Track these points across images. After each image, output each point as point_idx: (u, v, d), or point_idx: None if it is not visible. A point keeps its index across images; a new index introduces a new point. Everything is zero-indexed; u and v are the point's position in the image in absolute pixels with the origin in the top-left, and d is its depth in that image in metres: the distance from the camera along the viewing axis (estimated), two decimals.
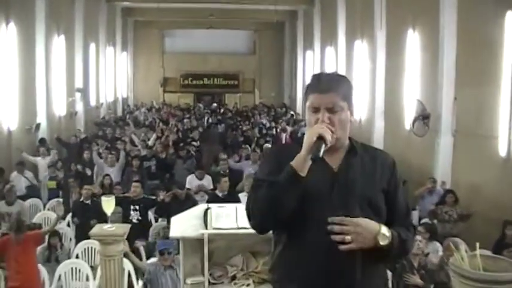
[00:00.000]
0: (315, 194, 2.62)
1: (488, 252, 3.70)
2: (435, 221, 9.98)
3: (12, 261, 7.18)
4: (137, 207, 9.37)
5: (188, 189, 10.94)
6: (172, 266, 6.82)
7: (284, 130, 19.46)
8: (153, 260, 7.31)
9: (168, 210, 8.85)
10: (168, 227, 6.59)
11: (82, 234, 8.85)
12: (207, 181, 11.96)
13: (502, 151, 10.30)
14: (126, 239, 5.72)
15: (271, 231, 2.90)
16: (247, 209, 2.66)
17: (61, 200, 11.45)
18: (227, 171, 12.40)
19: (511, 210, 8.99)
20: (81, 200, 9.97)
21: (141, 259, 8.04)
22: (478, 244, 3.17)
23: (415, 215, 11.09)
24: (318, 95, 2.68)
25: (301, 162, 2.54)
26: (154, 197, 10.44)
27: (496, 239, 8.44)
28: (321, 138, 2.54)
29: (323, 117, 2.63)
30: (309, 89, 2.75)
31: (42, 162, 13.80)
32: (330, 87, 2.69)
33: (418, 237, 6.62)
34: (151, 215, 10.30)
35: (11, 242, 7.22)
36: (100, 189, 10.86)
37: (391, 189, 2.79)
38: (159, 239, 8.32)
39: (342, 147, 2.76)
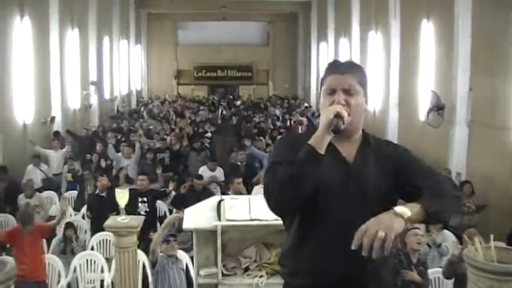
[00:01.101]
0: (329, 187, 2.59)
1: (503, 244, 3.67)
2: None
3: (19, 252, 7.22)
4: (145, 199, 9.37)
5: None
6: (178, 258, 6.83)
7: (300, 123, 19.46)
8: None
9: (184, 202, 8.84)
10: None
11: (98, 227, 8.90)
12: (219, 173, 11.98)
13: None
14: None
15: (283, 223, 2.86)
16: (266, 191, 2.58)
17: (65, 194, 11.48)
18: (244, 162, 12.35)
19: None
20: (96, 192, 10.00)
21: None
22: (492, 236, 3.16)
23: None
24: (335, 76, 2.68)
25: (319, 140, 2.50)
26: (163, 189, 10.45)
27: (510, 232, 8.36)
28: (338, 116, 2.51)
29: (339, 98, 2.62)
30: (326, 72, 2.74)
31: (53, 155, 13.83)
32: (348, 69, 2.70)
33: (420, 232, 6.52)
34: (163, 205, 10.31)
35: (19, 232, 7.27)
36: (108, 181, 10.78)
37: (405, 166, 2.71)
38: (174, 231, 8.32)
39: (354, 137, 2.74)
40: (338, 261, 2.58)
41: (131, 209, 9.06)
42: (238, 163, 12.53)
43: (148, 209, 9.31)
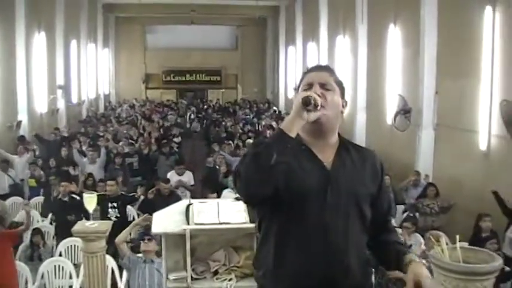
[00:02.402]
0: (307, 192, 2.58)
1: (465, 245, 3.74)
2: (417, 214, 10.07)
3: None
4: (115, 204, 9.31)
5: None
6: (153, 260, 6.79)
7: (269, 127, 19.55)
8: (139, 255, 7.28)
9: (152, 207, 8.81)
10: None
11: (62, 231, 8.81)
12: (188, 177, 11.97)
13: (482, 145, 10.39)
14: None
15: (258, 227, 2.84)
16: (234, 173, 2.56)
17: (31, 201, 11.29)
18: (222, 167, 12.31)
19: (491, 204, 9.08)
20: (58, 197, 9.88)
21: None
22: (458, 237, 3.21)
23: (401, 208, 11.20)
24: (312, 73, 2.73)
25: (290, 123, 2.48)
26: (132, 194, 10.39)
27: (472, 233, 8.50)
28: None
29: (315, 89, 2.62)
30: (303, 75, 2.78)
31: (18, 160, 13.62)
32: (324, 68, 2.79)
33: (400, 231, 6.66)
34: (133, 210, 10.25)
35: None
36: (83, 187, 10.75)
37: (380, 192, 2.81)
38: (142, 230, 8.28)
39: (331, 139, 2.74)
40: (315, 265, 2.59)
41: (101, 214, 9.02)
42: (217, 166, 12.56)
43: (119, 214, 9.26)
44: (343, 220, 2.62)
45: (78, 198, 9.80)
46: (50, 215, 10.16)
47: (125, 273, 7.23)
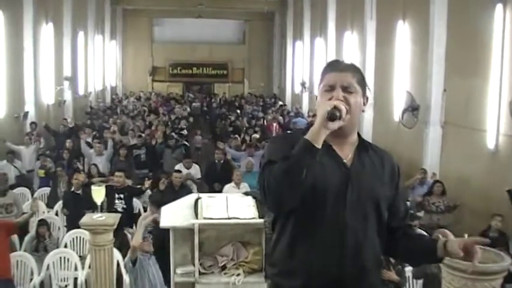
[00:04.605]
0: (328, 189, 2.57)
1: None
2: (422, 212, 10.03)
3: None
4: (122, 196, 9.32)
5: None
6: (151, 255, 6.77)
7: (274, 120, 19.52)
8: None
9: (162, 198, 8.78)
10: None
11: (73, 224, 8.81)
12: (195, 170, 11.95)
13: (490, 144, 10.33)
14: None
15: (272, 225, 2.82)
16: (261, 186, 2.51)
17: (37, 191, 11.31)
18: (221, 161, 12.23)
19: (498, 203, 9.03)
20: (72, 190, 9.89)
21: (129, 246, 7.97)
22: (466, 236, 3.21)
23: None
24: (334, 73, 2.64)
25: (315, 134, 2.44)
26: (139, 186, 10.40)
27: (481, 230, 8.43)
28: (335, 109, 2.46)
29: (338, 94, 2.56)
30: (324, 71, 2.70)
31: (25, 151, 13.66)
32: (348, 68, 2.68)
33: None
34: (139, 203, 10.23)
35: None
36: (86, 177, 10.73)
37: (397, 196, 2.78)
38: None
39: (351, 138, 2.71)
40: (331, 265, 2.57)
41: (108, 205, 9.02)
42: (216, 161, 12.56)
43: (125, 206, 9.25)
44: (362, 220, 2.60)
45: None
46: (56, 207, 10.18)
47: (127, 277, 7.19)
